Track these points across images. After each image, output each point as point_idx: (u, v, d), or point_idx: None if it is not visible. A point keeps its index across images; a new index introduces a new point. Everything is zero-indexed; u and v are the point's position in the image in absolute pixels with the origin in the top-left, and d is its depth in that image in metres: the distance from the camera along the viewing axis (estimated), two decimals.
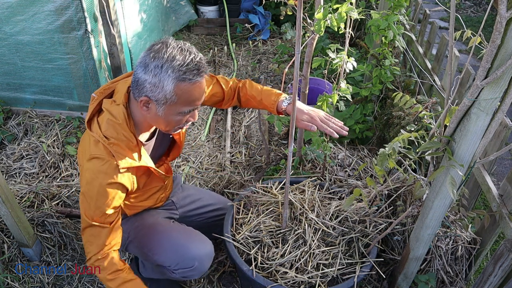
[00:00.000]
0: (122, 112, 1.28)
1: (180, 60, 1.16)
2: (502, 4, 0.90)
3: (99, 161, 1.26)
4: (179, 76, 1.16)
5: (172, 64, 1.15)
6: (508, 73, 0.99)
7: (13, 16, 2.42)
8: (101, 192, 1.26)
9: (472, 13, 5.79)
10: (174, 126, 1.32)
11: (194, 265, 1.50)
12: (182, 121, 1.30)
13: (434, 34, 2.39)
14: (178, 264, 1.50)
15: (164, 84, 1.16)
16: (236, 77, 3.59)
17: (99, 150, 1.26)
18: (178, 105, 1.22)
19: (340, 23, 1.44)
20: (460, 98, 1.82)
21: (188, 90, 1.19)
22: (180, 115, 1.26)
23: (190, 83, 1.18)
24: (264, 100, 1.55)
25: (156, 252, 1.54)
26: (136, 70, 1.22)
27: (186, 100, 1.22)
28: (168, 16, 3.81)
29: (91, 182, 1.26)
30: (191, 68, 1.17)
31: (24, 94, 2.79)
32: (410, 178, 1.48)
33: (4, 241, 1.97)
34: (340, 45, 1.77)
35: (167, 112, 1.24)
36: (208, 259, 1.56)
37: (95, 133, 1.28)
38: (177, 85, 1.17)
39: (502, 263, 1.43)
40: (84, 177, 1.29)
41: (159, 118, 1.26)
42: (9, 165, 2.49)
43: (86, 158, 1.28)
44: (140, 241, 1.58)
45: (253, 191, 1.89)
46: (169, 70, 1.15)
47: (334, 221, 1.68)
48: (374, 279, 1.80)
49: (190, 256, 1.50)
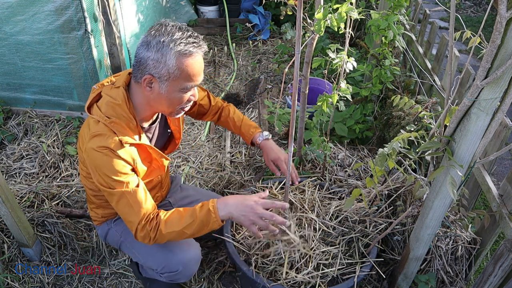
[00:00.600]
0: (122, 93, 1.31)
1: (180, 35, 1.22)
2: (502, 4, 0.90)
3: (100, 137, 1.27)
4: (180, 50, 1.21)
5: (173, 38, 1.21)
6: (508, 73, 0.99)
7: (13, 16, 2.42)
8: (107, 161, 1.26)
9: (472, 13, 5.79)
10: (177, 106, 1.34)
11: (178, 270, 1.49)
12: (184, 99, 1.32)
13: (434, 34, 2.39)
14: (163, 268, 1.50)
15: (167, 58, 1.21)
16: (236, 77, 3.59)
17: (100, 128, 1.28)
18: (181, 80, 1.26)
19: (340, 23, 1.44)
20: (460, 98, 1.82)
21: (189, 64, 1.24)
22: (182, 91, 1.29)
23: (191, 57, 1.24)
24: (243, 128, 1.76)
25: (144, 255, 1.55)
26: (137, 51, 1.27)
27: (188, 74, 1.26)
28: (167, 16, 3.81)
29: (95, 156, 1.26)
30: (190, 42, 1.23)
31: (24, 94, 2.79)
32: (410, 178, 1.48)
33: (4, 241, 1.97)
34: (340, 45, 1.77)
35: (170, 89, 1.27)
36: (194, 263, 1.53)
37: (95, 115, 1.30)
38: (179, 59, 1.22)
39: (502, 263, 1.43)
40: (87, 157, 1.29)
41: (162, 96, 1.29)
42: (9, 165, 2.49)
43: (87, 139, 1.29)
44: (130, 243, 1.59)
45: (253, 191, 1.89)
46: (171, 44, 1.21)
47: (334, 221, 1.68)
48: (374, 279, 1.80)
49: (175, 260, 1.49)
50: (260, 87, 3.37)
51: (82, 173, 1.50)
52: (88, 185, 1.52)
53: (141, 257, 1.56)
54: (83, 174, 1.50)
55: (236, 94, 3.23)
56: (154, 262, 1.52)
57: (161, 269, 1.50)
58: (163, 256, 1.50)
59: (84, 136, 1.32)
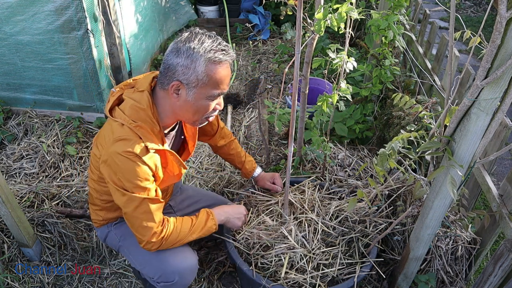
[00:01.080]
0: (146, 98, 1.31)
1: (210, 42, 1.24)
2: (502, 4, 0.90)
3: (126, 141, 1.26)
4: (210, 57, 1.23)
5: (203, 45, 1.23)
6: (508, 73, 0.99)
7: (13, 16, 2.42)
8: (131, 166, 1.26)
9: (472, 13, 5.79)
10: (202, 115, 1.34)
11: (175, 280, 1.47)
12: (209, 108, 1.33)
13: (434, 34, 2.39)
14: (159, 277, 1.49)
15: (196, 64, 1.23)
16: (236, 77, 3.59)
17: (125, 132, 1.27)
18: (208, 87, 1.27)
19: (340, 23, 1.44)
20: (460, 98, 1.82)
21: (218, 71, 1.26)
22: (209, 99, 1.30)
23: (220, 64, 1.25)
24: (246, 163, 1.90)
25: (140, 263, 1.54)
26: (166, 57, 1.28)
27: (216, 82, 1.27)
28: (167, 16, 3.81)
29: (120, 160, 1.25)
30: (220, 49, 1.25)
31: (24, 94, 2.79)
32: (410, 178, 1.48)
33: (4, 241, 1.97)
34: (340, 45, 1.77)
35: (197, 96, 1.28)
36: (190, 273, 1.52)
37: (119, 118, 1.29)
38: (208, 66, 1.24)
39: (502, 263, 1.42)
40: (109, 160, 1.27)
41: (189, 104, 1.30)
42: (9, 165, 2.49)
43: (110, 142, 1.27)
44: (129, 248, 1.58)
45: (253, 191, 1.90)
46: (201, 51, 1.23)
47: (334, 221, 1.68)
48: (374, 279, 1.80)
49: (170, 270, 1.47)
50: (260, 87, 3.37)
51: (93, 176, 1.48)
52: (97, 188, 1.50)
53: (138, 264, 1.55)
54: (93, 177, 1.48)
55: (236, 94, 3.23)
56: (150, 270, 1.51)
57: (157, 278, 1.49)
58: (159, 265, 1.48)
59: (106, 139, 1.30)
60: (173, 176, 1.47)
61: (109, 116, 1.34)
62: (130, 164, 1.26)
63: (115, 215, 1.60)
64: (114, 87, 1.42)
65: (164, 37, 3.78)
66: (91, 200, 1.60)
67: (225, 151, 1.88)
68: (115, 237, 1.61)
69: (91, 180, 1.51)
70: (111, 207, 1.56)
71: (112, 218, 1.61)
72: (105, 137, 1.31)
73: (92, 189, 1.54)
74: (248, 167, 1.91)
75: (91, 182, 1.52)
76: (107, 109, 1.35)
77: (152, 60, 3.57)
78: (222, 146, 1.85)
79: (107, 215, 1.59)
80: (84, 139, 2.72)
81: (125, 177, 1.27)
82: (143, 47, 3.25)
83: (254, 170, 1.92)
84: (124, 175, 1.27)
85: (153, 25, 3.46)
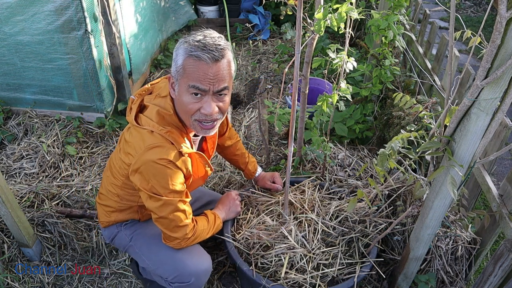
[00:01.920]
0: (169, 103, 1.33)
1: (196, 39, 1.24)
2: (502, 4, 0.90)
3: (159, 149, 1.27)
4: (187, 51, 1.23)
5: (188, 40, 1.25)
6: (508, 73, 0.99)
7: (13, 17, 2.42)
8: (167, 173, 1.28)
9: (472, 13, 5.79)
10: (188, 114, 1.30)
11: (190, 281, 1.49)
12: (189, 104, 1.28)
13: (434, 34, 2.39)
14: (175, 278, 1.49)
15: (178, 58, 1.25)
16: (236, 77, 3.59)
17: (157, 139, 1.29)
18: (185, 78, 1.25)
19: (340, 23, 1.44)
20: (460, 98, 1.82)
21: (192, 65, 1.23)
22: (188, 92, 1.26)
23: (195, 59, 1.22)
24: (249, 164, 1.91)
25: (154, 263, 1.54)
26: None
27: (190, 74, 1.24)
28: (167, 16, 3.80)
29: (155, 168, 1.27)
30: (198, 46, 1.22)
31: (24, 94, 2.79)
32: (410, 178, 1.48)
33: (4, 241, 1.97)
34: (340, 45, 1.78)
35: (180, 89, 1.28)
36: (205, 275, 1.54)
37: (148, 125, 1.31)
38: (185, 59, 1.24)
39: (502, 263, 1.42)
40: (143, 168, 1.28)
41: (178, 99, 1.30)
42: (9, 165, 2.49)
43: (142, 150, 1.28)
44: (140, 249, 1.58)
45: (253, 191, 1.90)
46: (183, 45, 1.24)
47: (334, 221, 1.68)
48: (374, 279, 1.80)
49: (187, 272, 1.48)
50: (260, 87, 3.37)
51: (115, 181, 1.48)
52: (119, 194, 1.50)
53: (152, 264, 1.54)
54: (115, 183, 1.48)
55: (236, 94, 3.23)
56: (165, 271, 1.51)
57: (172, 278, 1.49)
58: (175, 266, 1.49)
59: (137, 148, 1.30)
60: (199, 178, 1.50)
61: (134, 124, 1.34)
62: (165, 171, 1.28)
63: (128, 217, 1.60)
64: (132, 94, 1.42)
65: (163, 37, 3.78)
66: (105, 201, 1.58)
67: (231, 152, 1.88)
68: (125, 237, 1.60)
69: (113, 185, 1.50)
70: (127, 209, 1.57)
71: (123, 220, 1.61)
72: (135, 145, 1.31)
73: (111, 193, 1.53)
74: (251, 168, 1.92)
75: (113, 187, 1.51)
76: (132, 117, 1.35)
77: (152, 60, 3.57)
78: (228, 146, 1.85)
79: (119, 216, 1.59)
80: (84, 139, 2.72)
81: (160, 184, 1.29)
82: (143, 47, 3.25)
83: (256, 170, 1.93)
84: (159, 182, 1.29)
85: (152, 25, 3.46)
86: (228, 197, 1.75)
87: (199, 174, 1.47)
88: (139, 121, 1.34)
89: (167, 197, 1.32)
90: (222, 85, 1.27)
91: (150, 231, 1.59)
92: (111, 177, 1.50)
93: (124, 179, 1.42)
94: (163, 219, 1.37)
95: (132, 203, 1.53)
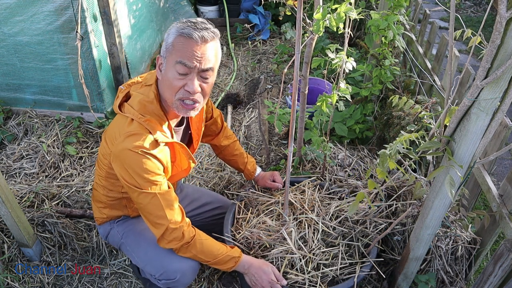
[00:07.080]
0: (152, 91, 1.34)
1: (189, 21, 1.29)
2: (502, 4, 0.90)
3: (135, 136, 1.28)
4: (179, 29, 1.26)
5: (181, 21, 1.29)
6: (508, 73, 0.99)
7: (12, 17, 2.42)
8: (142, 161, 1.27)
9: (472, 13, 5.79)
10: (172, 91, 1.30)
11: (176, 278, 1.48)
12: (176, 81, 1.28)
13: (434, 34, 2.39)
14: (161, 274, 1.49)
15: (169, 37, 1.28)
16: (236, 77, 3.59)
17: (134, 127, 1.29)
18: (173, 55, 1.27)
19: (339, 23, 1.44)
20: (460, 98, 1.82)
21: (182, 42, 1.25)
22: (175, 69, 1.27)
23: (185, 37, 1.25)
24: (248, 164, 1.91)
25: (142, 260, 1.54)
26: None
27: (179, 51, 1.26)
28: (166, 16, 3.80)
29: (130, 156, 1.27)
30: (190, 25, 1.26)
31: (24, 94, 2.79)
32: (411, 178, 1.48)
33: (4, 241, 1.97)
34: (340, 45, 1.78)
35: (167, 67, 1.29)
36: (192, 272, 1.52)
37: (129, 113, 1.32)
38: (176, 37, 1.26)
39: (502, 263, 1.42)
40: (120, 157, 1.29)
41: (164, 77, 1.31)
42: (9, 165, 2.49)
43: (121, 138, 1.29)
44: (130, 245, 1.59)
45: (253, 191, 1.89)
46: (176, 25, 1.28)
47: (334, 221, 1.68)
48: (374, 279, 1.80)
49: (173, 268, 1.47)
50: (260, 87, 3.37)
51: (100, 172, 1.49)
52: (104, 184, 1.51)
53: (140, 262, 1.56)
54: (100, 174, 1.49)
55: (236, 94, 3.23)
56: (152, 268, 1.51)
57: (159, 275, 1.49)
58: (161, 263, 1.49)
59: (116, 136, 1.31)
60: (182, 170, 1.48)
61: (118, 112, 1.35)
62: (140, 159, 1.27)
63: (119, 213, 1.61)
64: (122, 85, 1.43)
65: (163, 37, 3.77)
66: (96, 197, 1.60)
67: (229, 152, 1.88)
68: (117, 234, 1.62)
69: (98, 176, 1.52)
70: (116, 204, 1.57)
71: (115, 216, 1.62)
72: (114, 133, 1.33)
73: (99, 185, 1.54)
74: (250, 168, 1.92)
75: (98, 178, 1.52)
76: (116, 105, 1.37)
77: (152, 60, 3.57)
78: (226, 146, 1.85)
79: (111, 212, 1.60)
80: (84, 139, 2.72)
81: (136, 172, 1.29)
82: (138, 47, 3.23)
83: (255, 170, 1.93)
84: (135, 170, 1.28)
85: (150, 24, 3.45)
86: (266, 265, 1.51)
87: (182, 167, 1.46)
88: (123, 109, 1.35)
89: (142, 187, 1.30)
90: (208, 65, 1.29)
91: (140, 227, 1.60)
92: (98, 169, 1.51)
93: (107, 168, 1.43)
94: (143, 211, 1.37)
95: (118, 194, 1.53)
